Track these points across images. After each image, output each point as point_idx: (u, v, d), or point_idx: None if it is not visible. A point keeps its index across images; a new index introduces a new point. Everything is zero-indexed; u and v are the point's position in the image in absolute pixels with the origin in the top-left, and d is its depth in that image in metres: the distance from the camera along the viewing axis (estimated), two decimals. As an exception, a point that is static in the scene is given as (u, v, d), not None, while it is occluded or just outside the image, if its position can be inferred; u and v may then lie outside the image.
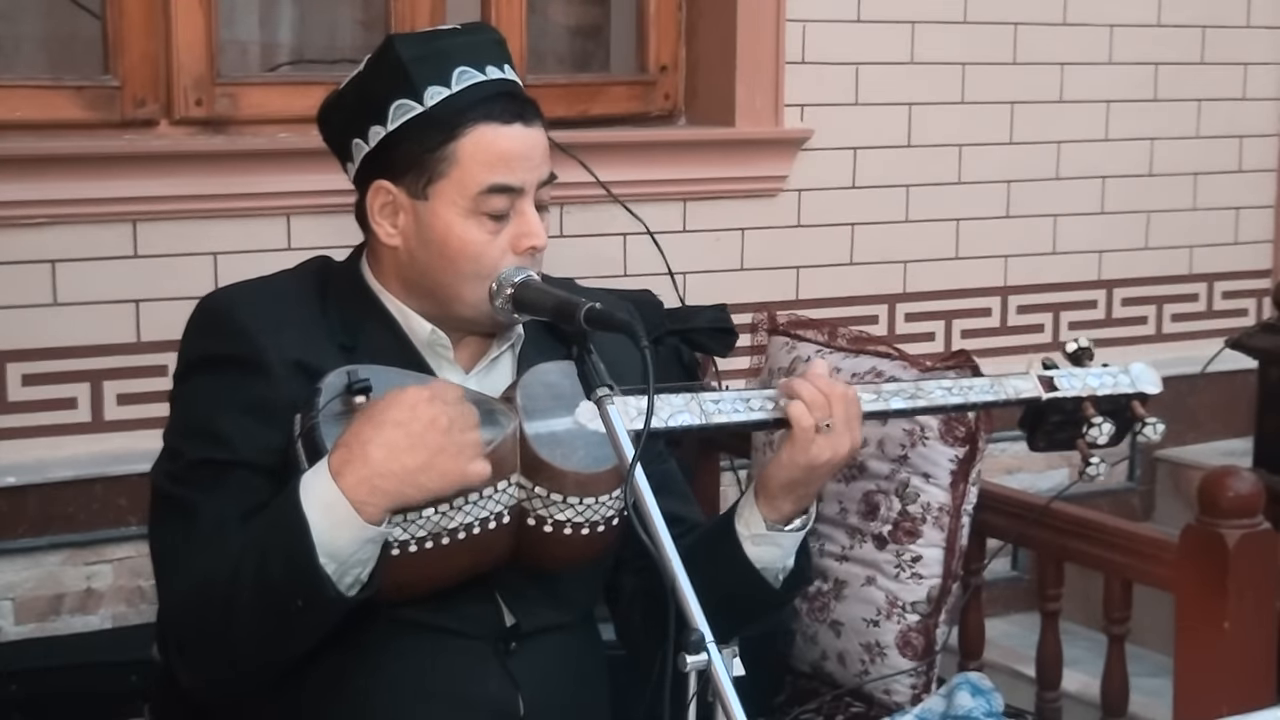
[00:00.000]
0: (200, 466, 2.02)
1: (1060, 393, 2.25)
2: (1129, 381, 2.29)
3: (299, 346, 2.06)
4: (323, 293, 2.15)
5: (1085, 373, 2.28)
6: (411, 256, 2.12)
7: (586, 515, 2.04)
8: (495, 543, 2.03)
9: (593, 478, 2.02)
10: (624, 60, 4.06)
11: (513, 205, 2.09)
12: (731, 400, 2.13)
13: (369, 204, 2.13)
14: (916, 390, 2.19)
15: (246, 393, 2.03)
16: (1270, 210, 4.67)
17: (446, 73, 2.08)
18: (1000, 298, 4.32)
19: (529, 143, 2.11)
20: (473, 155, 2.07)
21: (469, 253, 2.08)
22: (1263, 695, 2.51)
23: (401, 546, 1.95)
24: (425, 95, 2.07)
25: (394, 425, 1.90)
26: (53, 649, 3.16)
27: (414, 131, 2.08)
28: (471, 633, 2.10)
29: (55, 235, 3.29)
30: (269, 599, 1.91)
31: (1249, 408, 3.88)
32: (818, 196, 4.04)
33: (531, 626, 2.14)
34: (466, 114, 2.07)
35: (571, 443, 2.02)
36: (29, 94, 3.34)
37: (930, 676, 2.84)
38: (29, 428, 3.31)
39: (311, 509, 1.88)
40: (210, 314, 2.11)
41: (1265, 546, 2.50)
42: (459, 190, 2.07)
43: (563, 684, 2.17)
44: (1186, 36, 4.46)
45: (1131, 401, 2.29)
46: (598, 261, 3.71)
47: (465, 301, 2.11)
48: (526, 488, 2.02)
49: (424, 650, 2.08)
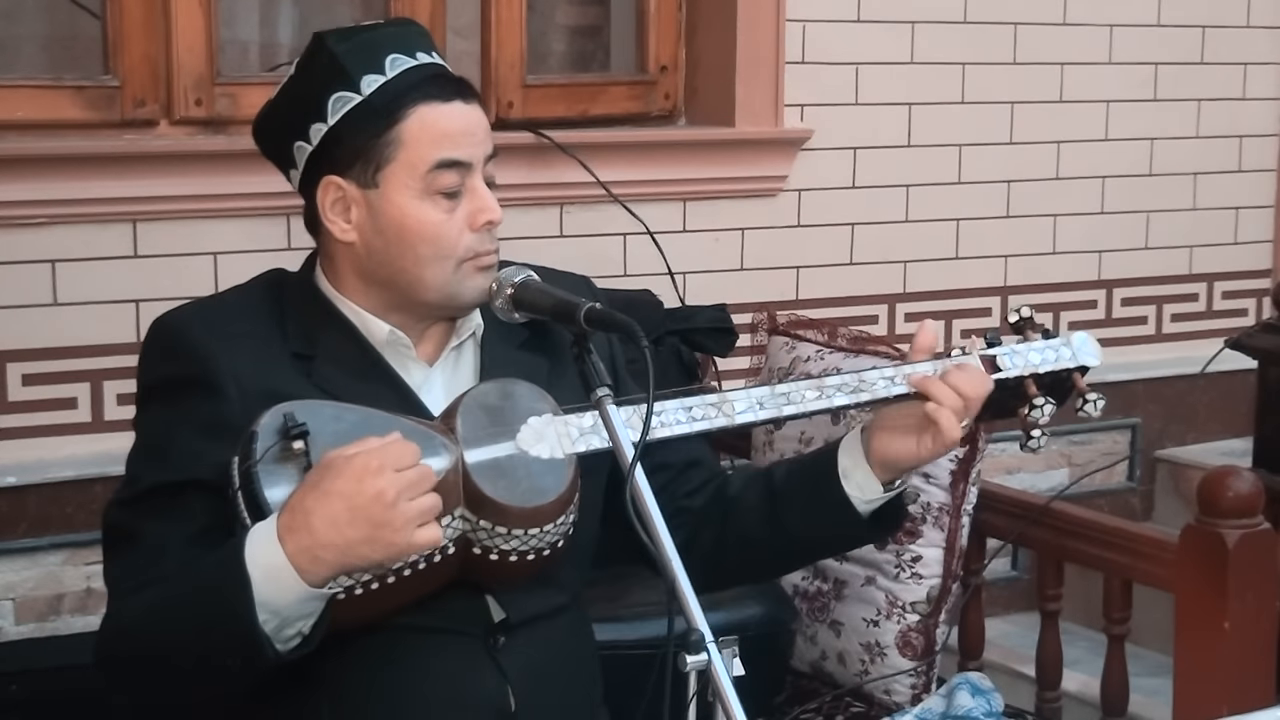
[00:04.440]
0: (153, 494, 2.02)
1: (1004, 373, 2.23)
2: (1070, 355, 2.27)
3: (253, 362, 2.05)
4: (278, 304, 2.14)
5: (1027, 348, 2.25)
6: (369, 249, 2.11)
7: (532, 544, 2.01)
8: (441, 573, 2.00)
9: (537, 511, 1.99)
10: (624, 60, 4.06)
11: (463, 182, 2.09)
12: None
13: (320, 202, 2.12)
14: (859, 383, 2.19)
15: (201, 412, 2.02)
16: (1270, 210, 4.67)
17: (379, 60, 2.09)
18: (1000, 298, 4.32)
19: (471, 119, 2.11)
20: (418, 135, 2.07)
21: (426, 234, 2.08)
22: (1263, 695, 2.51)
23: (348, 591, 1.93)
24: (362, 84, 2.08)
25: (337, 496, 1.87)
26: (53, 649, 3.15)
27: (356, 121, 2.08)
28: (460, 630, 2.09)
29: (55, 235, 3.29)
30: (205, 652, 1.91)
31: (1249, 408, 3.88)
32: (818, 196, 4.04)
33: (521, 617, 2.12)
34: (405, 96, 2.07)
35: (514, 472, 1.98)
36: (29, 94, 3.34)
37: (930, 676, 2.85)
38: (29, 428, 3.31)
39: (255, 567, 1.87)
40: (161, 336, 2.10)
41: (1265, 546, 2.50)
42: (408, 172, 2.07)
43: (554, 677, 2.15)
44: (1186, 36, 4.46)
45: (1073, 374, 2.28)
46: (598, 261, 3.71)
47: (428, 286, 2.10)
48: (471, 520, 1.98)
49: (411, 651, 2.07)
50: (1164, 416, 4.51)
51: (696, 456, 2.33)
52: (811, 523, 2.24)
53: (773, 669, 2.90)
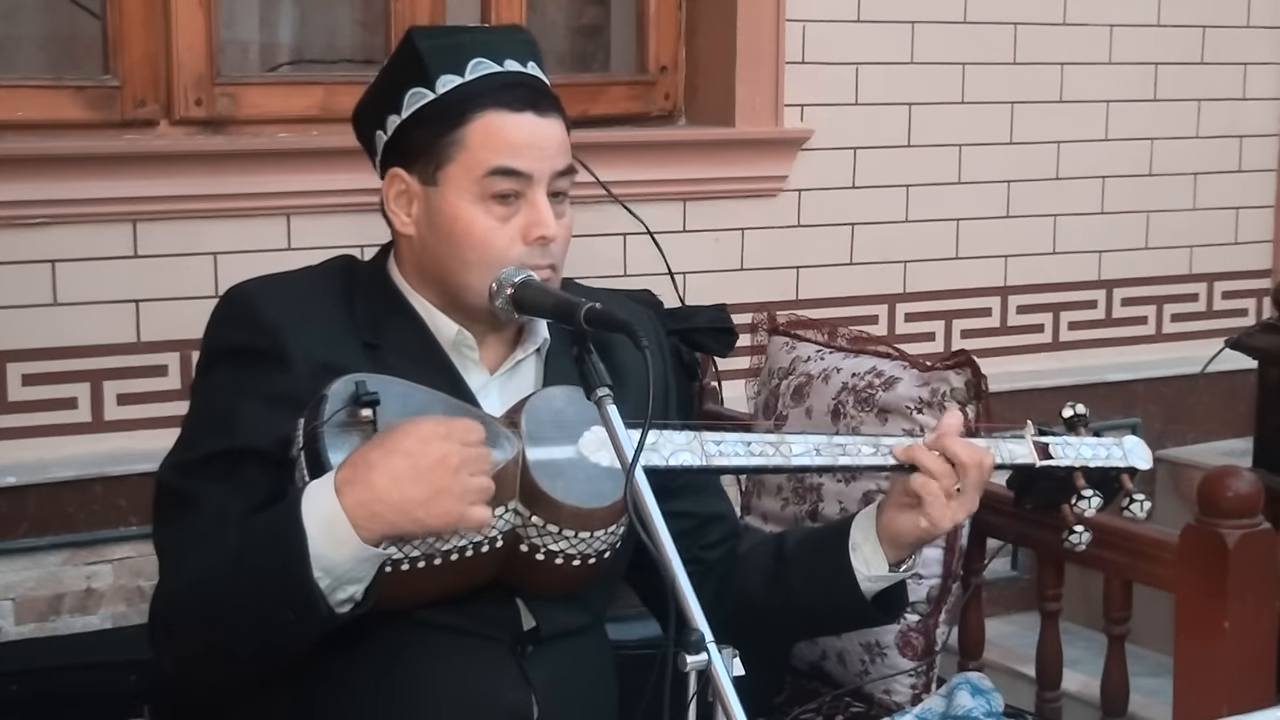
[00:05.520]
0: (211, 460, 2.02)
1: (1054, 461, 2.26)
2: (1121, 455, 2.31)
3: (323, 343, 2.06)
4: (348, 290, 2.15)
5: (1080, 441, 2.28)
6: (424, 245, 2.13)
7: (580, 549, 2.03)
8: (485, 566, 2.01)
9: (590, 513, 2.01)
10: (624, 60, 4.06)
11: (523, 194, 2.10)
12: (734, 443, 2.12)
13: (385, 193, 2.15)
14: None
15: (267, 384, 2.03)
16: (1270, 210, 4.67)
17: (462, 62, 2.10)
18: (1000, 298, 4.32)
19: (541, 131, 2.12)
20: (481, 140, 2.08)
21: (474, 238, 2.09)
22: (1263, 695, 2.51)
23: (394, 565, 1.94)
24: (438, 83, 2.10)
25: (403, 455, 1.88)
26: (53, 649, 3.15)
27: (426, 118, 2.10)
28: (489, 635, 2.10)
29: (55, 235, 3.29)
30: (260, 607, 1.91)
31: (1249, 408, 3.88)
32: (818, 196, 4.04)
33: (551, 630, 2.13)
34: (476, 100, 2.09)
35: (572, 474, 2.01)
36: (29, 94, 3.34)
37: (930, 676, 2.84)
38: (29, 428, 3.31)
39: (311, 523, 1.88)
40: (235, 306, 2.11)
41: (1265, 546, 2.50)
42: (466, 174, 2.08)
43: (576, 688, 2.16)
44: (1186, 36, 4.46)
45: (1122, 474, 2.30)
46: (598, 261, 3.71)
47: (471, 289, 2.10)
48: (523, 515, 2.00)
49: (439, 652, 2.07)
50: (1164, 416, 4.51)
51: (721, 512, 2.35)
52: (812, 589, 2.24)
53: (773, 669, 2.90)
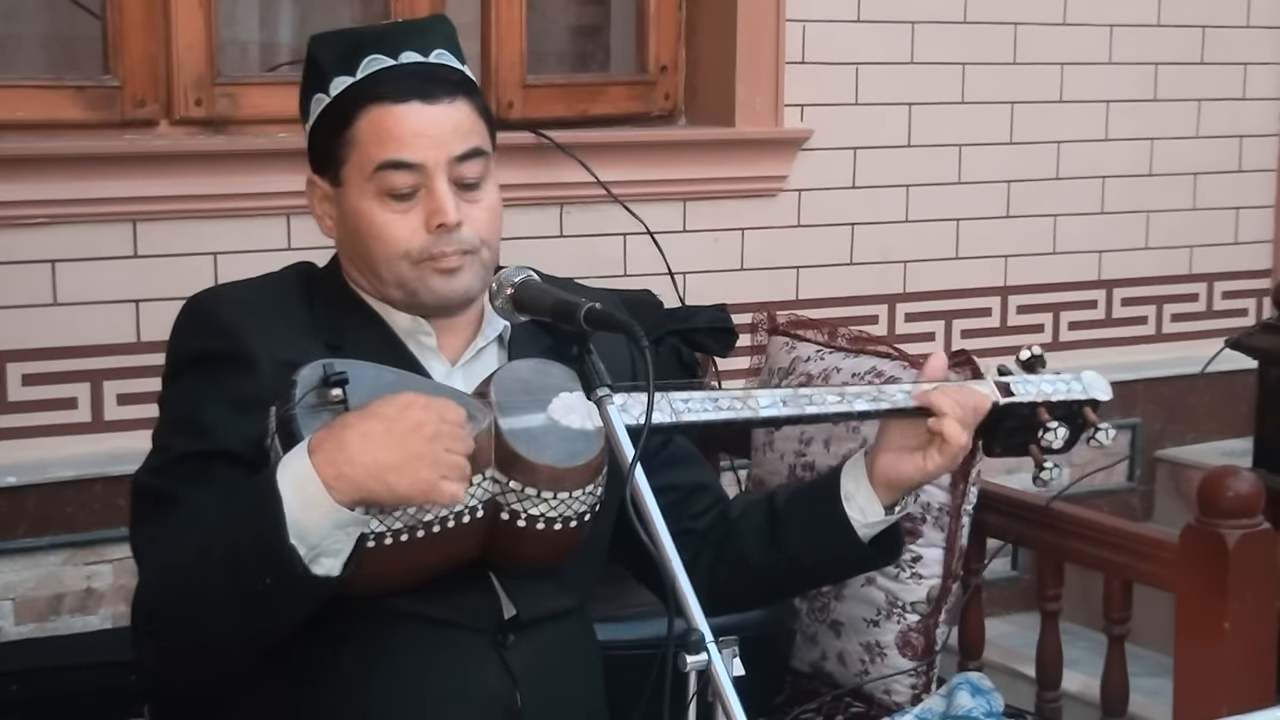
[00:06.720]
0: (184, 461, 2.04)
1: (1016, 398, 2.29)
2: (1081, 389, 2.35)
3: (286, 344, 2.07)
4: (308, 294, 2.18)
5: (1039, 378, 2.32)
6: (343, 245, 2.19)
7: (560, 510, 2.03)
8: (467, 537, 2.02)
9: (566, 472, 2.02)
10: (624, 60, 4.06)
11: (421, 184, 2.11)
12: (702, 400, 2.16)
13: (309, 199, 2.21)
14: (878, 393, 2.24)
15: (234, 387, 2.04)
16: (1270, 210, 4.67)
17: (354, 63, 2.13)
18: (1000, 298, 4.32)
19: (429, 120, 2.11)
20: (368, 137, 2.11)
21: (374, 233, 2.12)
22: (1263, 695, 2.51)
23: (377, 538, 1.94)
24: (331, 86, 2.14)
25: (379, 419, 1.89)
26: (53, 649, 3.15)
27: (324, 122, 2.15)
28: (470, 625, 2.10)
29: (55, 235, 3.29)
30: (238, 574, 1.89)
31: (1249, 408, 3.88)
32: (818, 196, 4.04)
33: (532, 616, 2.13)
34: (360, 98, 2.11)
35: (545, 438, 2.03)
36: (29, 94, 3.34)
37: (930, 676, 2.84)
38: (29, 428, 3.31)
39: (285, 484, 1.88)
40: (197, 313, 2.14)
41: (1265, 546, 2.50)
42: (360, 172, 2.12)
43: (560, 677, 2.16)
44: (1186, 36, 4.46)
45: (1084, 408, 2.33)
46: (598, 261, 3.71)
47: (387, 282, 2.14)
48: (501, 482, 2.01)
49: (421, 644, 2.07)
50: (1164, 416, 4.51)
51: (704, 480, 2.38)
52: (810, 545, 2.28)
53: (773, 669, 2.90)
